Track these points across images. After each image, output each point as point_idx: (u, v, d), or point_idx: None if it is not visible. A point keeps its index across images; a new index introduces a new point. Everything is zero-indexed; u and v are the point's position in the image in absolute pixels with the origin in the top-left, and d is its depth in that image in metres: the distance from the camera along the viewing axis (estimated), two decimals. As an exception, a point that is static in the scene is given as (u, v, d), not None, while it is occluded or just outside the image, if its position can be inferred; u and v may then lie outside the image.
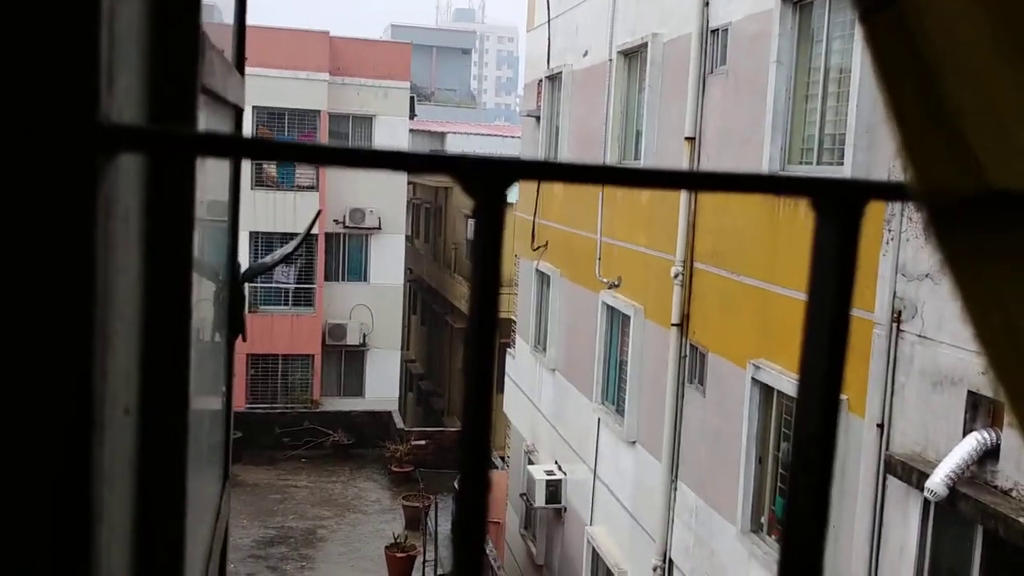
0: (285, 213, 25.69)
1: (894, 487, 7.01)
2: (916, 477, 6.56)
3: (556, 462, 15.33)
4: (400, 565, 18.51)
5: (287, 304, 27.01)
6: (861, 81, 7.59)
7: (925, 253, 6.76)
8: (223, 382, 2.43)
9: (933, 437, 6.68)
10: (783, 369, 8.67)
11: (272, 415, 25.66)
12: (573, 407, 14.64)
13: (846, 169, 7.77)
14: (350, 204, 26.89)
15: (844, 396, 7.63)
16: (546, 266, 15.95)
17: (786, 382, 8.59)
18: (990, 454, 6.12)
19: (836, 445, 0.50)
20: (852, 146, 7.70)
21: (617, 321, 13.12)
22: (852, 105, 7.72)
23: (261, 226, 25.11)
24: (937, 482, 6.16)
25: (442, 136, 34.97)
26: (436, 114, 53.21)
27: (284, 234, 24.73)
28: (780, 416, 9.05)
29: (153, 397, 1.00)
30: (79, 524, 0.61)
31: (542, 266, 16.14)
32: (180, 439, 1.15)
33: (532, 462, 16.18)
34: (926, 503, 6.61)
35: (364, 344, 27.55)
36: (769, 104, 9.01)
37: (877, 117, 7.42)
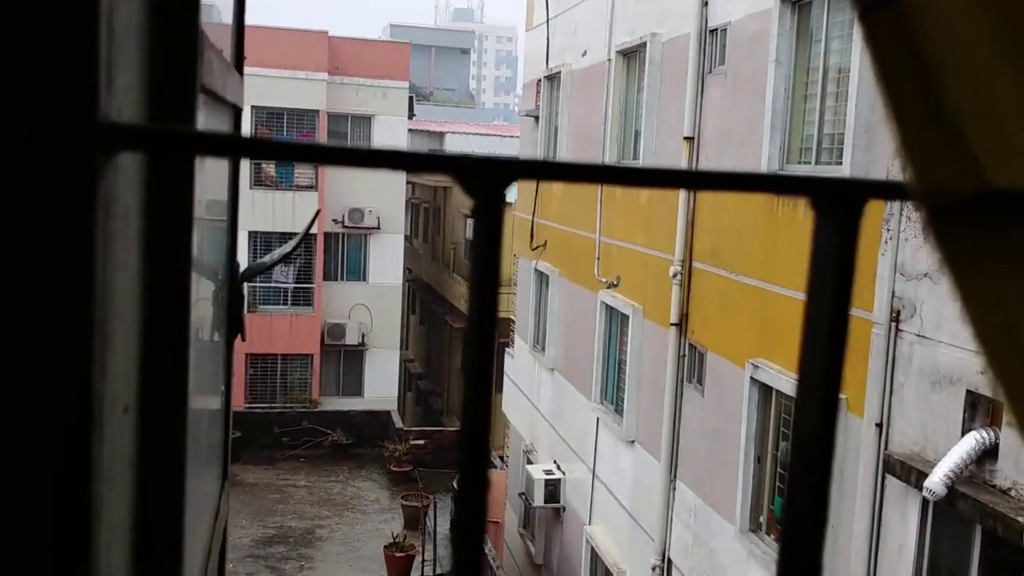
0: (284, 213, 25.69)
1: (893, 486, 7.02)
2: (915, 476, 6.56)
3: (555, 461, 15.33)
4: (399, 564, 18.50)
5: (286, 304, 27.01)
6: (860, 81, 7.59)
7: (924, 252, 6.76)
8: (222, 381, 2.43)
9: (932, 436, 6.68)
10: (782, 368, 8.67)
11: (271, 415, 25.66)
12: (572, 407, 14.64)
13: (845, 168, 7.77)
14: (349, 204, 26.89)
15: (843, 396, 7.62)
16: (545, 266, 15.95)
17: (785, 381, 8.59)
18: (989, 453, 6.12)
19: (835, 445, 0.50)
20: (851, 145, 7.70)
21: (616, 321, 13.12)
22: (851, 105, 7.72)
23: (260, 226, 25.10)
24: (936, 481, 6.16)
25: (441, 136, 34.95)
26: (435, 114, 53.20)
27: (283, 234, 24.72)
28: (779, 415, 9.06)
29: (152, 396, 1.00)
30: (79, 523, 0.61)
31: (541, 266, 16.14)
32: (179, 438, 1.15)
33: (531, 461, 16.17)
34: (925, 502, 6.61)
35: (363, 344, 27.54)
36: (768, 104, 9.01)
37: (876, 117, 7.42)
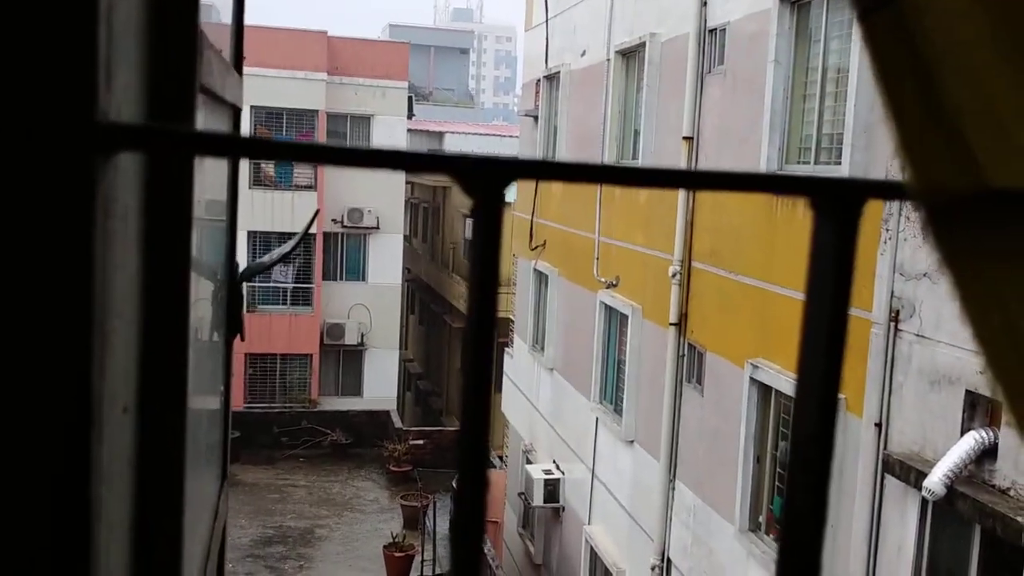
0: (283, 212, 25.68)
1: (892, 486, 7.02)
2: (914, 476, 6.56)
3: (554, 461, 15.33)
4: (398, 564, 18.50)
5: (285, 304, 27.00)
6: (859, 80, 7.59)
7: (923, 252, 6.77)
8: (221, 381, 2.43)
9: (931, 436, 6.68)
10: (781, 368, 8.67)
11: (270, 415, 25.65)
12: (571, 406, 14.64)
13: (844, 168, 7.77)
14: (348, 204, 26.89)
15: (842, 395, 7.63)
16: (544, 265, 15.95)
17: (784, 381, 8.60)
18: (988, 453, 6.12)
19: (834, 444, 0.50)
20: (850, 145, 7.71)
21: (615, 320, 13.12)
22: (850, 104, 7.72)
23: (259, 225, 25.09)
24: (935, 481, 6.16)
25: (440, 136, 34.94)
26: (434, 114, 53.18)
27: (282, 233, 24.72)
28: (778, 415, 9.06)
29: (151, 396, 1.00)
30: (78, 523, 0.61)
31: (540, 266, 16.13)
32: (178, 438, 1.15)
33: (530, 461, 16.17)
34: (924, 502, 6.61)
35: (362, 344, 27.54)
36: (767, 104, 9.01)
37: (875, 116, 7.42)
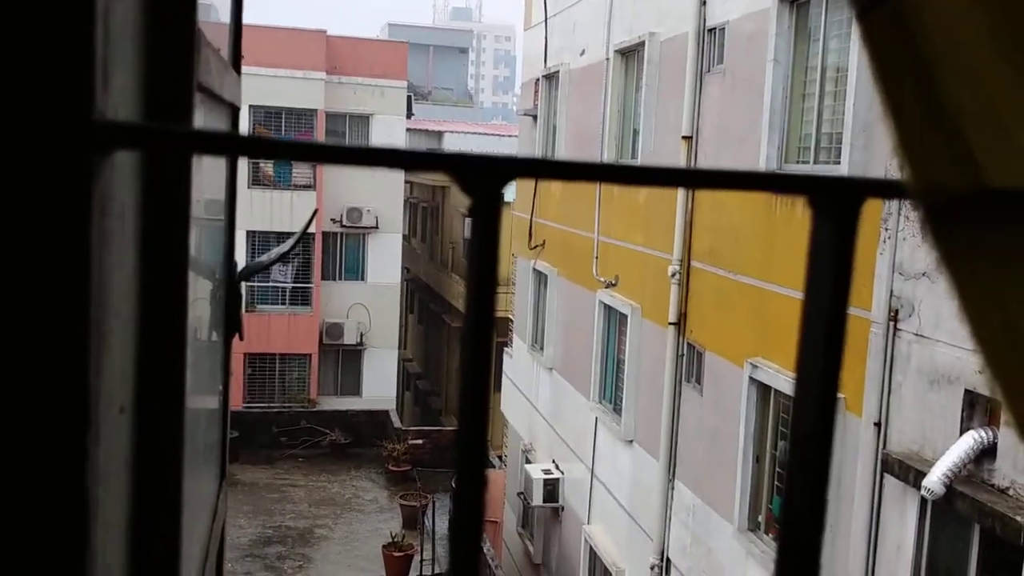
0: (282, 212, 25.68)
1: (891, 486, 7.02)
2: (913, 476, 6.56)
3: (553, 461, 15.34)
4: (398, 564, 18.50)
5: (284, 303, 27.00)
6: (858, 80, 7.59)
7: (922, 252, 6.77)
8: (220, 381, 2.42)
9: (930, 436, 6.68)
10: (780, 368, 8.67)
11: (269, 414, 25.65)
12: (570, 406, 14.64)
13: (843, 167, 7.77)
14: (347, 203, 26.88)
15: (841, 395, 7.60)
16: (543, 265, 15.95)
17: (783, 381, 8.60)
18: (987, 453, 6.13)
19: (833, 444, 0.50)
20: (849, 144, 7.71)
21: (614, 320, 13.12)
22: (849, 104, 7.72)
23: (258, 225, 25.08)
24: (934, 481, 6.16)
25: (439, 135, 34.96)
26: (433, 113, 53.18)
27: (281, 233, 24.70)
28: (777, 415, 9.06)
29: (149, 396, 1.00)
30: (75, 523, 0.60)
31: (539, 265, 16.14)
32: (176, 438, 1.15)
33: (529, 461, 16.18)
34: (923, 501, 6.62)
35: (361, 343, 27.54)
36: (766, 103, 9.01)
37: (874, 116, 7.42)
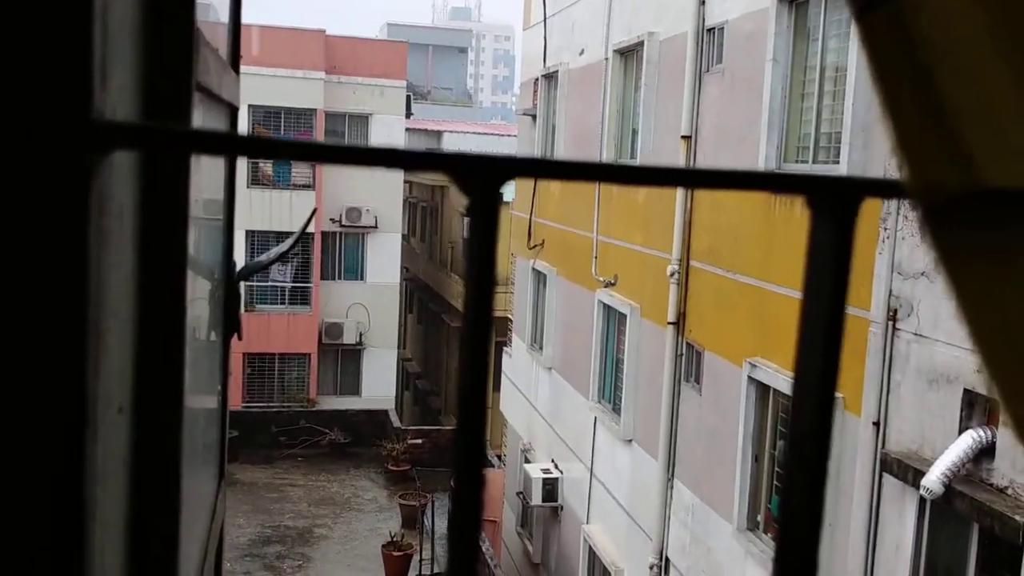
0: (281, 212, 25.67)
1: (890, 485, 7.02)
2: (912, 475, 6.57)
3: (552, 460, 15.34)
4: (397, 564, 18.50)
5: (283, 303, 27.00)
6: (857, 79, 7.59)
7: (921, 251, 6.77)
8: (219, 381, 2.42)
9: (929, 435, 6.68)
10: (779, 367, 8.67)
11: (268, 414, 25.64)
12: (569, 405, 14.64)
13: (842, 167, 7.78)
14: (346, 203, 26.88)
15: (840, 394, 7.64)
16: (542, 264, 15.95)
17: (782, 380, 8.60)
18: (986, 452, 6.13)
19: (831, 443, 0.50)
20: (848, 144, 7.71)
21: (613, 320, 13.12)
22: (848, 103, 7.72)
23: (257, 225, 25.07)
24: (933, 480, 6.16)
25: (438, 135, 34.96)
26: (432, 113, 53.17)
27: (280, 233, 24.68)
28: (776, 414, 9.06)
29: (147, 396, 1.00)
30: (73, 523, 0.60)
31: (538, 264, 16.14)
32: (174, 438, 1.15)
33: (528, 460, 16.18)
34: (922, 501, 6.62)
35: (360, 343, 27.53)
36: (765, 102, 9.02)
37: (873, 115, 7.42)
